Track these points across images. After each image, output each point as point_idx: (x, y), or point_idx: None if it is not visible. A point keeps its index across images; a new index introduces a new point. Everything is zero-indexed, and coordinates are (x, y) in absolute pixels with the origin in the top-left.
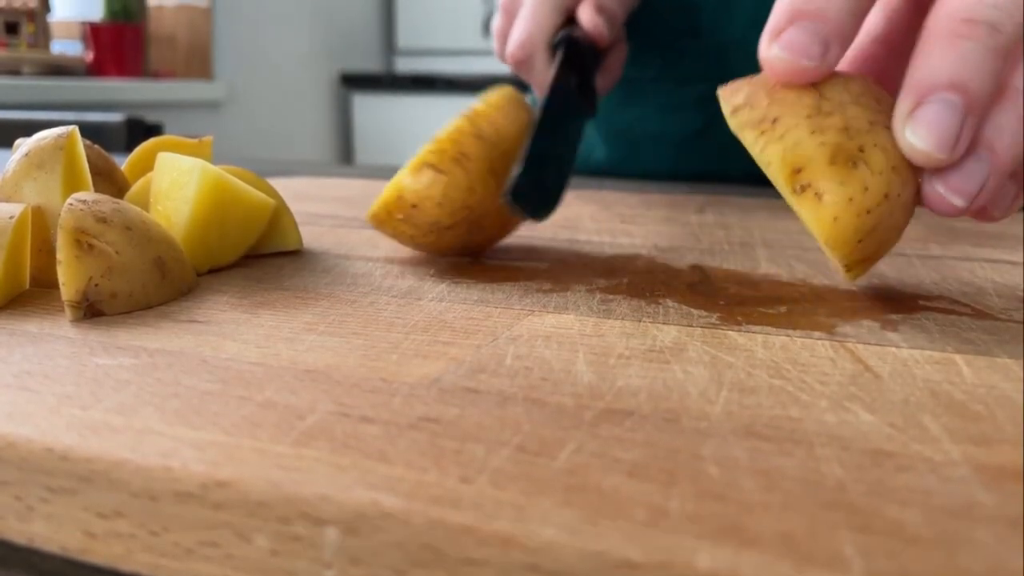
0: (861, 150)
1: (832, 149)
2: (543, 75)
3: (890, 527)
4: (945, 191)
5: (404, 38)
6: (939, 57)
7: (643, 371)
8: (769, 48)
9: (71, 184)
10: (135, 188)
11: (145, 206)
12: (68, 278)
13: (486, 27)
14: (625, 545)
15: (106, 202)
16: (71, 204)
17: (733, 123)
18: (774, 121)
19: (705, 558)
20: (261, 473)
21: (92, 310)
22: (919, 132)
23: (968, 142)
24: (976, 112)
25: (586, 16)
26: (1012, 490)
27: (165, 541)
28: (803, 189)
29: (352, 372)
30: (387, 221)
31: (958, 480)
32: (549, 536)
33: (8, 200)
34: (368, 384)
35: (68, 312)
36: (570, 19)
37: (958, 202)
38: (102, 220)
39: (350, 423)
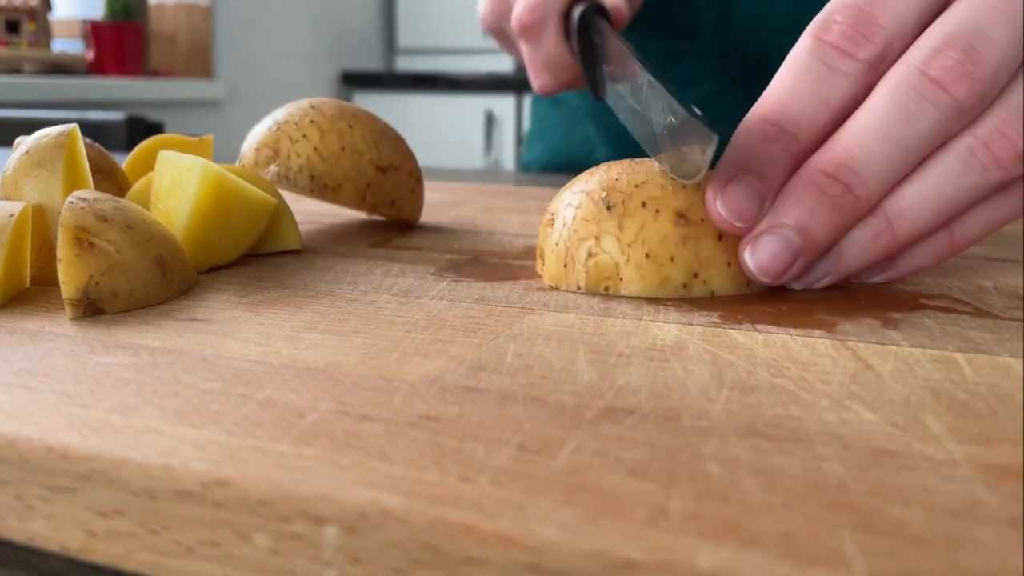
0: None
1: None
2: (551, 48)
3: (892, 527)
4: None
5: (405, 37)
6: (794, 201)
7: (644, 370)
8: (713, 201)
9: (71, 182)
10: (136, 187)
11: (146, 205)
12: (68, 276)
13: None
14: (625, 544)
15: (107, 200)
16: (72, 202)
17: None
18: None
19: (705, 557)
20: (261, 472)
21: (92, 308)
22: (754, 256)
23: (794, 276)
24: (811, 255)
25: None
26: (1014, 489)
27: (165, 540)
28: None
29: (352, 370)
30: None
31: (960, 479)
32: (549, 535)
33: (8, 198)
34: (368, 382)
35: (68, 310)
36: None
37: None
38: (103, 218)
39: (350, 422)
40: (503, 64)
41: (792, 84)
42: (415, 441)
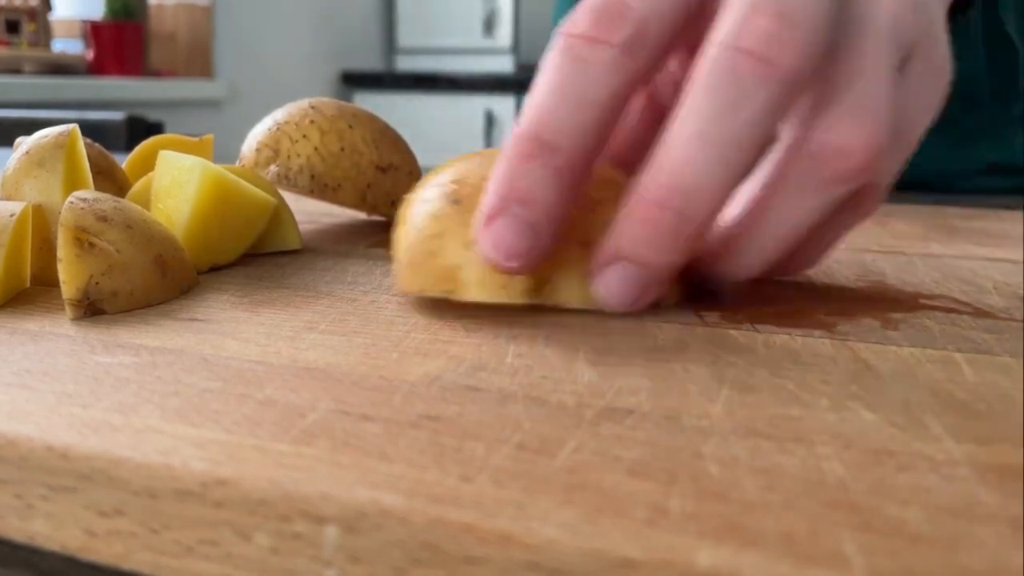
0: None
1: None
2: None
3: (891, 526)
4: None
5: (405, 37)
6: (628, 236)
7: (644, 369)
8: (481, 239)
9: (72, 182)
10: (136, 187)
11: (146, 204)
12: (69, 276)
13: (487, 26)
14: (625, 544)
15: (107, 200)
16: (72, 202)
17: None
18: None
19: (706, 557)
20: (261, 471)
21: (92, 308)
22: (605, 288)
23: (647, 301)
24: (663, 277)
25: None
26: (1013, 489)
27: (165, 539)
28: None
29: (352, 370)
30: None
31: (959, 479)
32: (549, 534)
33: (8, 198)
34: (368, 382)
35: (68, 310)
36: None
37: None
38: (103, 218)
39: (350, 421)
40: (503, 64)
41: (546, 92)
42: (415, 441)
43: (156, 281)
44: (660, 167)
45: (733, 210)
